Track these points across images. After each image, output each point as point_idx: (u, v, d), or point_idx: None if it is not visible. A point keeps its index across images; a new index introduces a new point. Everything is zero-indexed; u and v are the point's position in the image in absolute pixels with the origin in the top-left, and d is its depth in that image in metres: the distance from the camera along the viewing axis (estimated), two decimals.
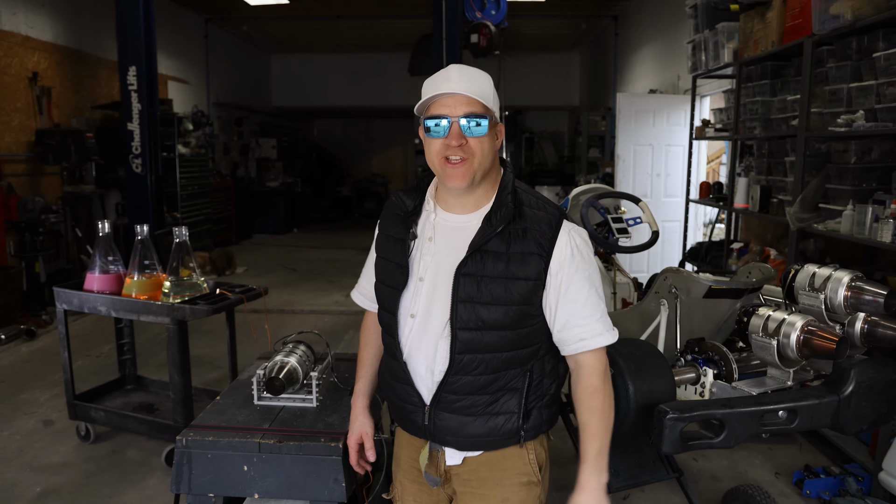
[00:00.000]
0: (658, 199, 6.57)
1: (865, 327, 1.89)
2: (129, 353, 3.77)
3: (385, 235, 1.53)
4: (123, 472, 3.16)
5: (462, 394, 1.40)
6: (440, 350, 1.40)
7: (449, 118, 1.34)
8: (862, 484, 2.84)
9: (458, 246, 1.39)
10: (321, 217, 14.76)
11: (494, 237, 1.36)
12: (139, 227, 3.05)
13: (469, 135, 1.35)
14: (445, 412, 1.42)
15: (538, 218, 1.39)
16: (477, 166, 1.37)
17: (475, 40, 6.38)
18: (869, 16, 2.98)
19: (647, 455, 2.37)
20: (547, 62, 13.34)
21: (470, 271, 1.37)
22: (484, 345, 1.37)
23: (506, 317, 1.36)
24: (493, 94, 1.40)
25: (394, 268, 1.47)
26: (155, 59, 6.20)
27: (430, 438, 1.47)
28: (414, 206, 1.48)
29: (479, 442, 1.44)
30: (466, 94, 1.33)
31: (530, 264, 1.36)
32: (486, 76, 1.41)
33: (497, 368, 1.39)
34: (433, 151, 1.38)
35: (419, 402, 1.45)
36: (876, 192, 3.14)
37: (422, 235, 1.46)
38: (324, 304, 6.53)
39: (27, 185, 6.33)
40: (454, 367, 1.39)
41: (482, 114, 1.35)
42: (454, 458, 1.48)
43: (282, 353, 2.19)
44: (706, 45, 4.93)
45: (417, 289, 1.43)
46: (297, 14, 10.16)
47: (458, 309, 1.37)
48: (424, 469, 1.51)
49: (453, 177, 1.37)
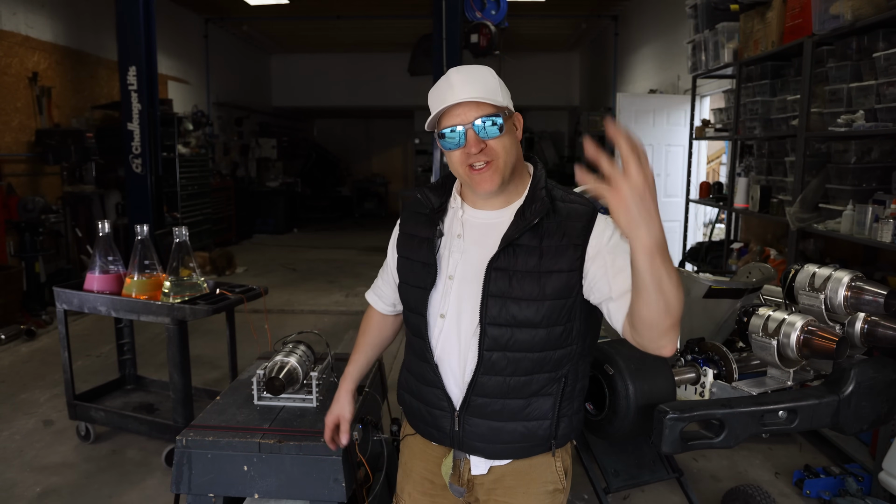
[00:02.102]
0: (658, 199, 6.57)
1: (865, 327, 1.89)
2: (129, 353, 3.77)
3: (407, 235, 1.49)
4: (123, 472, 3.16)
5: (493, 397, 1.36)
6: (471, 349, 1.36)
7: (462, 126, 1.31)
8: (862, 484, 2.84)
9: (489, 242, 1.36)
10: (321, 217, 14.77)
11: (527, 231, 1.33)
12: (139, 227, 3.05)
13: (486, 137, 1.31)
14: (476, 417, 1.38)
15: (572, 210, 1.35)
16: (503, 166, 1.33)
17: (475, 40, 6.39)
18: (869, 16, 2.98)
19: (647, 455, 2.37)
20: (547, 62, 13.34)
21: (502, 265, 1.33)
22: (514, 342, 1.33)
23: (537, 313, 1.32)
24: (500, 86, 1.35)
25: (420, 267, 1.43)
26: (155, 59, 6.20)
27: (458, 446, 1.42)
28: (440, 204, 1.44)
29: (508, 449, 1.40)
30: (472, 99, 1.30)
31: (565, 256, 1.31)
32: (487, 71, 1.36)
33: (528, 370, 1.35)
34: (455, 162, 1.35)
35: (448, 406, 1.41)
36: (876, 192, 3.14)
37: (449, 233, 1.42)
38: (324, 304, 6.53)
39: (27, 185, 6.33)
40: (482, 365, 1.35)
41: (494, 113, 1.31)
42: (480, 467, 1.43)
43: (282, 353, 2.19)
44: (706, 45, 4.93)
45: (447, 288, 1.39)
46: (297, 14, 10.16)
47: (488, 304, 1.33)
48: (449, 480, 1.46)
49: (482, 183, 1.33)
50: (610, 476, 2.25)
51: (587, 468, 2.27)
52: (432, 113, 1.34)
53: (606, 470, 2.25)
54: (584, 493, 2.86)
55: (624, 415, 1.74)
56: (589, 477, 2.27)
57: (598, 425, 1.82)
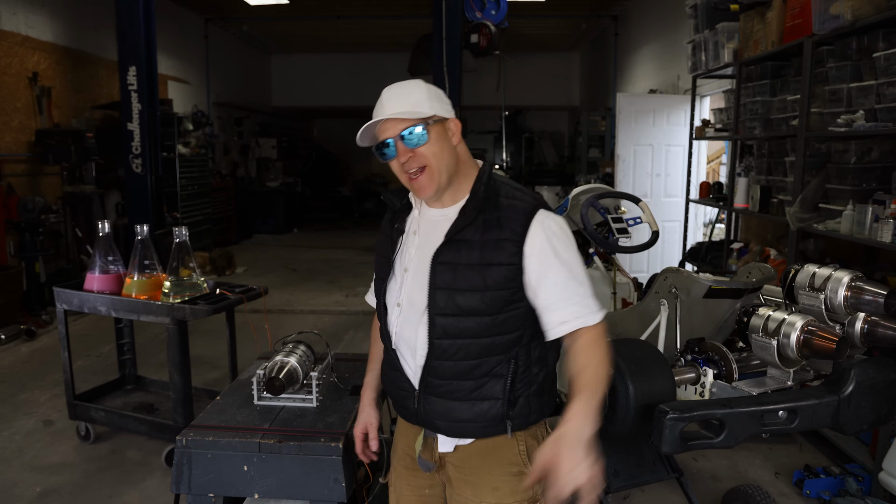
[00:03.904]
0: (658, 199, 6.57)
1: (865, 327, 1.89)
2: (129, 353, 3.77)
3: (382, 234, 1.63)
4: (123, 472, 3.16)
5: (445, 378, 1.46)
6: (420, 336, 1.46)
7: (391, 139, 1.43)
8: (862, 484, 2.84)
9: (438, 237, 1.46)
10: (321, 217, 14.77)
11: (469, 226, 1.43)
12: (139, 227, 3.05)
13: (413, 146, 1.41)
14: (433, 396, 1.48)
15: (513, 207, 1.44)
16: (437, 170, 1.43)
17: (475, 40, 6.38)
18: (869, 16, 2.98)
19: (647, 455, 2.37)
20: (547, 62, 13.34)
21: (446, 259, 1.43)
22: (461, 330, 1.42)
23: (481, 303, 1.40)
24: (428, 96, 1.44)
25: (383, 261, 1.57)
26: (155, 59, 6.20)
27: (422, 424, 1.53)
28: (402, 204, 1.57)
29: (466, 427, 1.48)
30: (395, 116, 1.40)
31: (503, 250, 1.40)
32: (415, 84, 1.46)
33: (477, 354, 1.43)
34: (396, 171, 1.47)
35: (409, 387, 1.52)
36: (876, 192, 3.14)
37: (409, 230, 1.55)
38: (324, 304, 6.52)
39: (27, 185, 6.33)
40: (434, 351, 1.45)
41: (416, 122, 1.41)
42: (446, 445, 1.52)
43: (282, 353, 2.19)
44: (706, 45, 4.93)
45: (402, 279, 1.51)
46: (297, 14, 10.16)
47: (435, 296, 1.43)
48: (419, 454, 1.56)
49: (420, 188, 1.45)
50: (610, 476, 2.25)
51: None
52: (368, 131, 1.46)
53: (606, 470, 2.25)
54: None
55: (624, 415, 1.74)
56: None
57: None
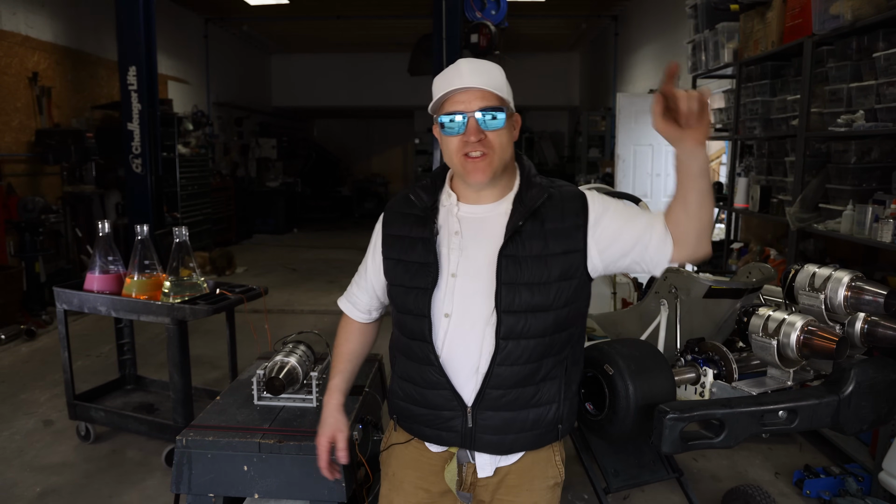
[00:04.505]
0: (658, 199, 6.57)
1: (865, 327, 1.89)
2: (129, 353, 3.77)
3: (394, 237, 1.46)
4: (123, 472, 3.16)
5: (507, 387, 1.36)
6: (486, 341, 1.36)
7: (465, 114, 1.32)
8: (862, 484, 2.84)
9: (488, 234, 1.37)
10: (321, 217, 14.77)
11: (529, 218, 1.36)
12: (139, 227, 3.05)
13: (486, 129, 1.32)
14: (489, 410, 1.37)
15: (565, 193, 1.41)
16: (497, 160, 1.35)
17: (475, 40, 6.38)
18: (869, 16, 2.98)
19: (647, 455, 2.37)
20: (547, 62, 13.34)
21: (511, 253, 1.34)
22: (527, 328, 1.34)
23: (547, 297, 1.34)
24: (507, 85, 1.37)
25: (417, 268, 1.40)
26: (155, 59, 6.19)
27: (469, 445, 1.40)
28: (432, 202, 1.44)
29: (521, 439, 1.40)
30: (480, 87, 1.31)
31: (570, 238, 1.36)
32: (497, 67, 1.38)
33: (539, 356, 1.37)
34: (451, 149, 1.36)
35: (459, 405, 1.38)
36: (876, 192, 3.13)
37: (446, 230, 1.41)
38: (324, 304, 6.53)
39: (27, 185, 6.33)
40: (499, 354, 1.35)
41: (498, 106, 1.33)
42: (486, 469, 1.42)
43: (282, 353, 2.19)
44: (706, 45, 4.93)
45: (450, 286, 1.38)
46: (297, 14, 10.16)
47: (502, 292, 1.34)
48: (456, 488, 1.44)
49: (475, 172, 1.34)
50: (610, 476, 2.25)
51: (587, 468, 2.27)
52: (436, 96, 1.35)
53: (606, 470, 2.25)
54: (584, 493, 2.86)
55: (624, 415, 1.74)
56: (589, 477, 2.27)
57: (598, 425, 1.81)
